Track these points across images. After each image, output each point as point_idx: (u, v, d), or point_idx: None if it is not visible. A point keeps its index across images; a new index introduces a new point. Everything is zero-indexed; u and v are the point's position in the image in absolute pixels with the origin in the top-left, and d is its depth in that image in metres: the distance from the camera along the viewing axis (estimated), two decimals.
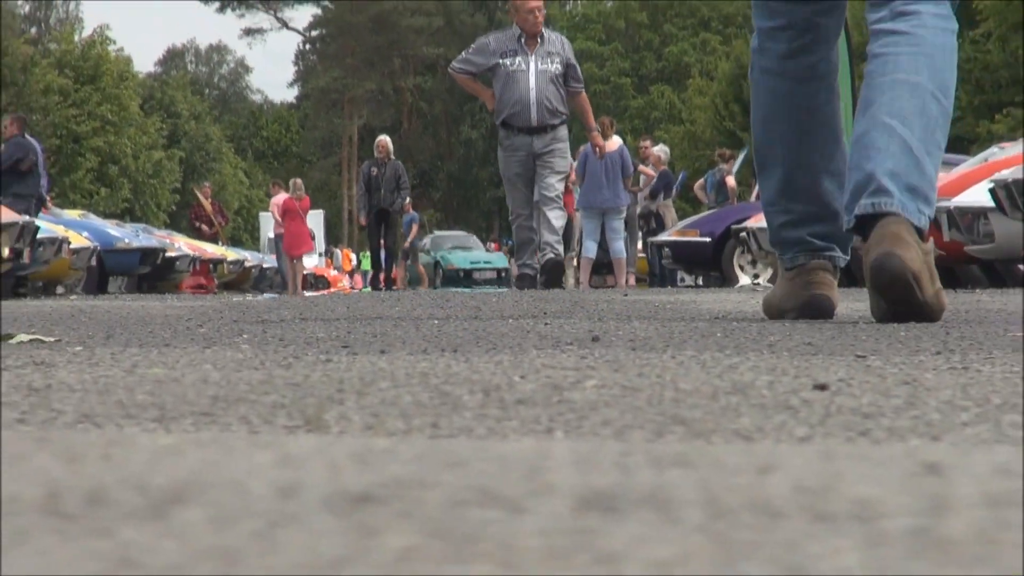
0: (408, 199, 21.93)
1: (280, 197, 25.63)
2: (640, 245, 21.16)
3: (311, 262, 36.02)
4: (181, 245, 26.67)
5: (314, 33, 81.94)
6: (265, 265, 35.11)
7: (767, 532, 0.84)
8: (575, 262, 18.60)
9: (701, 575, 0.73)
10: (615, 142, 16.51)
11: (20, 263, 14.59)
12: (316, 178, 76.21)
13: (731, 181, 22.04)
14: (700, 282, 19.58)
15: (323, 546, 0.80)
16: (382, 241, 20.55)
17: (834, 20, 4.25)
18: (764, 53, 4.27)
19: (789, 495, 0.97)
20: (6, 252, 13.84)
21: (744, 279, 17.56)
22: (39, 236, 15.37)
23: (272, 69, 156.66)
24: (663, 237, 19.05)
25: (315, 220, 35.80)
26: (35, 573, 0.74)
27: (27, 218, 14.77)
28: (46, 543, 0.81)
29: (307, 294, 19.34)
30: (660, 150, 22.03)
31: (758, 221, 15.43)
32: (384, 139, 21.21)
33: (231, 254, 32.19)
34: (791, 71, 4.21)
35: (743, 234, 16.63)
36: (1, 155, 16.99)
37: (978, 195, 12.19)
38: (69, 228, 18.92)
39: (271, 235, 28.52)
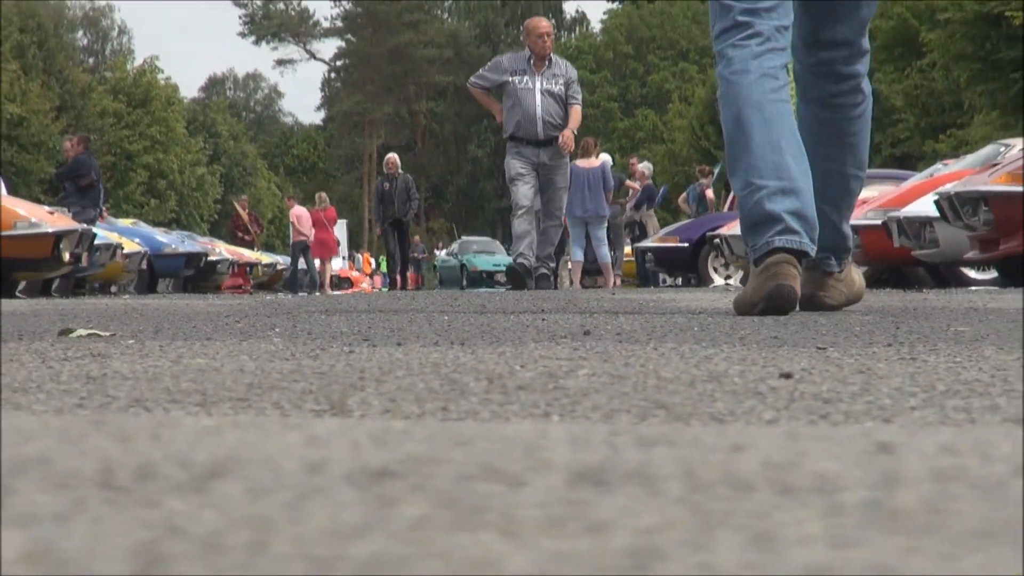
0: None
1: (300, 210, 25.60)
2: (628, 250, 21.16)
3: (336, 265, 36.03)
4: (221, 250, 26.66)
5: (338, 63, 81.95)
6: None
7: (739, 503, 0.84)
8: (568, 265, 18.60)
9: (681, 541, 0.73)
10: (600, 159, 16.49)
11: (79, 266, 14.60)
12: (340, 191, 76.21)
13: (710, 193, 22.08)
14: (679, 283, 19.57)
15: (346, 515, 0.80)
16: (396, 247, 20.51)
17: (787, 39, 4.34)
18: (732, 62, 4.26)
19: (758, 470, 0.97)
20: (67, 256, 13.85)
21: (718, 280, 17.57)
22: (96, 242, 15.38)
23: (301, 95, 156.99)
24: (646, 243, 19.07)
25: (339, 229, 35.78)
26: (93, 538, 0.74)
27: (85, 226, 14.79)
28: (101, 512, 0.81)
29: (332, 293, 19.34)
30: (644, 167, 22.04)
31: (730, 229, 15.45)
32: (392, 156, 21.12)
33: (265, 258, 32.21)
34: (758, 69, 4.23)
35: (717, 240, 16.67)
36: (67, 167, 17.16)
37: (924, 206, 12.20)
38: (122, 235, 18.93)
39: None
